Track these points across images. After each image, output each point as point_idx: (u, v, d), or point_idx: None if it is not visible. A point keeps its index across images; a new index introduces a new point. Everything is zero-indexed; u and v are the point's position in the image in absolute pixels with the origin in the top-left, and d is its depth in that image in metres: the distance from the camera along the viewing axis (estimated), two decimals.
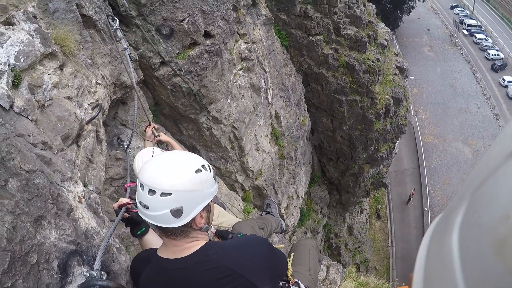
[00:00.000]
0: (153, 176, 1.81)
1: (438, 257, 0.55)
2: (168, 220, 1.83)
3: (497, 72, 48.43)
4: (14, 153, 1.69)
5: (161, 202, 1.79)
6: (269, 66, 9.19)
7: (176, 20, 5.53)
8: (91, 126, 3.03)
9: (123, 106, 4.86)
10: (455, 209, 0.54)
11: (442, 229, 0.59)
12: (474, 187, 0.50)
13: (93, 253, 1.96)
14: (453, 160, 35.14)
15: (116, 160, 4.24)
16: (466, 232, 0.48)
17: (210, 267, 1.89)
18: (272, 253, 2.14)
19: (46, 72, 2.54)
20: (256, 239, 2.22)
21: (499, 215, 0.41)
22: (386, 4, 41.37)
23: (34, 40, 2.46)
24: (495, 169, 0.45)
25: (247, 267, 1.94)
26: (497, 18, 65.25)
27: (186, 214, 1.86)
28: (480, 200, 0.47)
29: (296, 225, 13.17)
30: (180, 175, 1.85)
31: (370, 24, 13.92)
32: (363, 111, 14.28)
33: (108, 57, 3.91)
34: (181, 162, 1.94)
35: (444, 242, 0.53)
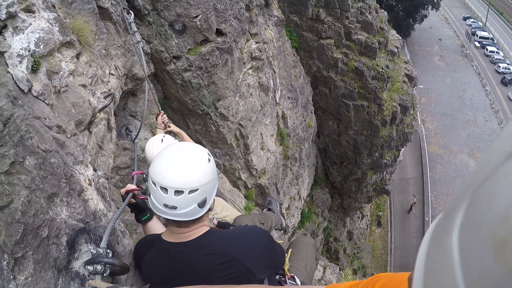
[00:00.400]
0: (177, 178, 1.86)
1: (438, 257, 0.55)
2: (194, 212, 1.93)
3: (506, 86, 48.02)
4: (33, 133, 1.76)
5: (189, 199, 1.87)
6: (278, 66, 9.25)
7: (189, 16, 5.62)
8: (103, 114, 3.09)
9: (133, 98, 4.96)
10: (455, 209, 0.53)
11: (442, 229, 0.58)
12: (474, 187, 0.50)
13: (99, 233, 2.03)
14: (457, 172, 34.92)
15: (123, 150, 4.33)
16: (466, 232, 0.48)
17: (211, 252, 1.98)
18: (271, 245, 2.22)
19: (63, 60, 2.61)
20: (257, 229, 2.29)
21: (499, 215, 0.41)
22: (399, 12, 41.22)
23: (53, 28, 2.52)
24: (495, 169, 0.45)
25: (247, 255, 2.01)
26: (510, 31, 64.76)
27: (208, 202, 2.00)
28: (480, 200, 0.47)
29: (296, 226, 13.20)
30: (201, 169, 1.92)
31: (381, 31, 13.96)
32: (370, 117, 14.31)
33: (122, 49, 4.00)
34: (193, 156, 1.99)
35: (444, 242, 0.53)
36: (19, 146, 1.66)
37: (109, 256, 1.92)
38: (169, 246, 2.03)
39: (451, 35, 60.75)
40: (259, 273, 2.03)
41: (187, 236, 2.02)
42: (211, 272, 1.96)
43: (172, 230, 2.06)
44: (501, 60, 53.29)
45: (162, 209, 1.90)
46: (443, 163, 35.83)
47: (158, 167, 1.92)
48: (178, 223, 1.97)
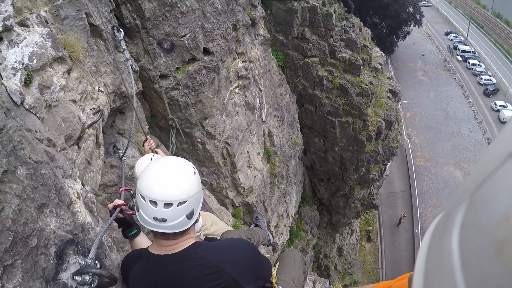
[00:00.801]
0: (166, 191, 1.93)
1: (438, 257, 0.55)
2: (183, 224, 2.00)
3: (489, 97, 49.40)
4: (25, 144, 1.80)
5: (178, 211, 1.94)
6: (264, 85, 9.34)
7: (177, 35, 5.70)
8: (91, 130, 3.14)
9: (121, 116, 4.97)
10: (455, 210, 0.54)
11: (442, 230, 0.59)
12: (474, 187, 0.50)
13: (87, 246, 2.06)
14: (445, 184, 35.33)
15: (111, 167, 4.33)
16: (466, 232, 0.48)
17: (198, 264, 2.02)
18: (257, 256, 2.27)
19: (55, 75, 2.68)
20: (242, 241, 2.35)
21: (499, 216, 0.41)
22: (383, 29, 42.06)
23: (46, 43, 2.60)
24: (495, 169, 0.45)
25: (233, 266, 2.05)
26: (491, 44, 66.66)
27: (195, 213, 2.07)
28: (480, 201, 0.47)
29: (285, 244, 13.08)
30: (188, 182, 2.00)
31: (365, 48, 14.20)
32: (355, 132, 14.44)
33: (111, 66, 4.06)
34: (179, 169, 2.05)
35: (444, 243, 0.53)
36: (11, 155, 1.69)
37: (97, 267, 1.94)
38: (156, 258, 2.07)
39: (433, 50, 62.22)
40: (245, 284, 2.06)
41: (174, 248, 2.06)
42: (198, 284, 1.99)
43: (159, 243, 2.09)
44: (483, 72, 54.77)
45: (152, 222, 1.95)
46: (430, 175, 36.24)
47: (146, 181, 1.98)
48: (165, 236, 2.02)
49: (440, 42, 65.58)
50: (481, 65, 56.84)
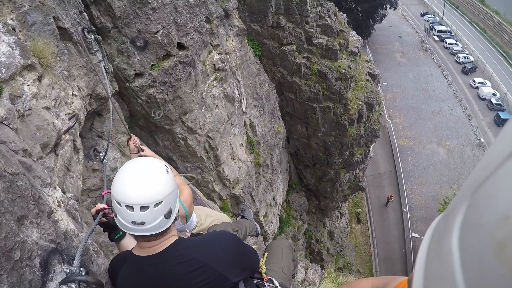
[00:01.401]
0: (140, 194, 1.89)
1: (438, 257, 0.55)
2: (162, 224, 1.97)
3: (467, 74, 50.42)
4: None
5: (155, 212, 1.91)
6: (242, 76, 9.31)
7: (150, 32, 5.59)
8: (68, 136, 3.08)
9: (99, 118, 4.90)
10: (455, 210, 0.54)
11: (442, 230, 0.59)
12: (474, 187, 0.50)
13: (72, 253, 2.03)
14: (429, 161, 36.10)
15: (93, 171, 4.29)
16: (466, 232, 0.48)
17: (181, 261, 1.99)
18: (240, 246, 2.26)
19: (25, 83, 2.62)
20: (224, 233, 2.33)
21: (499, 216, 0.41)
22: (358, 13, 42.16)
23: (14, 52, 2.54)
24: (495, 169, 0.45)
25: (217, 259, 2.04)
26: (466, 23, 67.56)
27: (174, 211, 2.06)
28: (480, 201, 0.47)
29: (276, 233, 13.16)
30: (161, 182, 1.96)
31: (341, 33, 14.24)
32: (337, 117, 14.57)
33: (84, 69, 3.98)
34: (151, 170, 2.00)
35: (444, 243, 0.53)
36: None
37: (83, 274, 1.92)
38: (139, 260, 2.05)
39: (410, 31, 62.70)
40: (231, 276, 2.05)
41: (156, 248, 2.04)
42: (184, 281, 1.97)
43: (141, 245, 2.07)
44: (460, 51, 55.62)
45: (130, 226, 1.93)
46: (413, 154, 36.92)
47: (120, 186, 1.93)
48: (147, 238, 1.99)
49: (416, 23, 66.15)
50: (458, 44, 57.67)
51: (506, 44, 59.02)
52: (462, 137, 38.91)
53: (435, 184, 33.64)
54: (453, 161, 36.19)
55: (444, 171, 35.04)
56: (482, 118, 42.19)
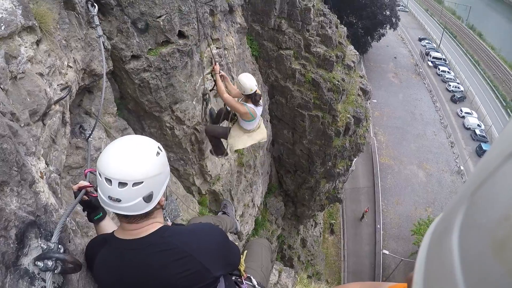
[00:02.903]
0: (121, 169, 1.79)
1: (438, 257, 0.55)
2: (140, 207, 1.87)
3: (456, 103, 51.69)
4: None
5: (134, 192, 1.81)
6: (237, 73, 9.17)
7: (153, 15, 5.49)
8: (58, 107, 2.96)
9: (89, 95, 4.78)
10: (455, 210, 0.54)
11: (442, 230, 0.59)
12: (474, 187, 0.50)
13: (50, 229, 1.88)
14: (407, 182, 36.72)
15: (76, 149, 4.19)
16: (466, 232, 0.48)
17: (164, 249, 1.91)
18: (226, 242, 2.19)
19: (23, 45, 2.51)
20: (211, 226, 2.24)
21: (499, 216, 0.41)
22: (358, 29, 42.54)
23: (16, 10, 2.42)
24: (495, 169, 0.45)
25: (202, 251, 1.97)
26: (462, 53, 69.08)
27: (155, 196, 1.93)
28: (480, 201, 0.47)
29: (250, 234, 13.15)
30: (147, 162, 1.85)
31: (339, 45, 14.38)
32: (324, 127, 14.66)
33: (82, 42, 3.87)
34: (141, 148, 1.91)
35: (444, 243, 0.53)
36: None
37: (61, 252, 1.77)
38: (121, 243, 1.97)
39: (406, 54, 63.64)
40: (214, 270, 1.99)
41: (139, 232, 1.96)
42: (165, 270, 1.89)
43: (124, 226, 1.99)
44: (451, 79, 56.85)
45: (107, 201, 1.86)
46: (393, 173, 37.47)
47: (104, 157, 1.85)
48: (128, 219, 1.92)
49: (413, 46, 67.26)
50: (451, 73, 58.96)
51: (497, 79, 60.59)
52: (443, 163, 39.75)
53: (410, 205, 34.25)
54: (431, 185, 36.86)
55: (421, 193, 35.70)
56: (464, 146, 43.27)
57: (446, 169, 39.09)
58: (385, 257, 29.11)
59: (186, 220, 6.79)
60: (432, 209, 33.83)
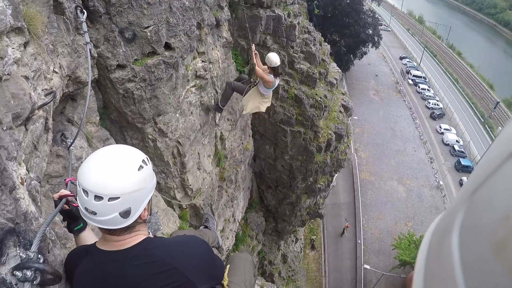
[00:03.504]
0: (98, 181, 1.73)
1: (438, 257, 0.56)
2: (116, 222, 1.82)
3: (435, 120, 53.43)
4: None
5: (109, 207, 1.76)
6: (221, 88, 9.27)
7: (141, 26, 5.48)
8: (41, 112, 2.88)
9: (72, 103, 4.72)
10: (455, 210, 0.54)
11: (442, 230, 0.59)
12: (473, 188, 0.50)
13: (29, 237, 1.82)
14: (388, 197, 37.24)
15: (57, 157, 4.09)
16: (466, 232, 0.48)
17: (148, 261, 1.88)
18: (211, 255, 2.17)
19: (10, 45, 2.45)
20: (196, 239, 2.19)
21: (498, 216, 0.41)
22: (341, 47, 43.41)
23: (7, 10, 2.37)
24: (495, 170, 0.45)
25: (186, 264, 1.94)
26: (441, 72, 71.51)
27: (134, 212, 1.86)
28: (480, 201, 0.47)
29: (230, 249, 13.05)
30: (125, 177, 1.79)
31: (322, 62, 14.54)
32: (306, 143, 14.72)
33: (69, 48, 3.82)
34: (122, 161, 1.84)
35: (444, 243, 0.53)
36: None
37: (40, 262, 1.72)
38: (103, 255, 1.93)
39: (387, 72, 65.18)
40: (199, 283, 1.96)
41: (123, 244, 1.93)
42: (149, 282, 1.85)
43: (106, 237, 1.95)
44: (431, 97, 58.72)
45: (84, 212, 1.81)
46: (374, 189, 37.95)
47: (84, 167, 1.80)
48: (108, 230, 1.87)
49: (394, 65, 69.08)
50: (430, 90, 60.80)
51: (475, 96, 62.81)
52: (422, 178, 40.57)
53: (391, 219, 34.66)
54: (411, 200, 37.44)
55: (401, 208, 36.21)
56: (443, 162, 44.43)
57: (425, 184, 39.86)
58: (367, 272, 29.22)
59: (166, 234, 6.71)
60: (412, 223, 34.34)
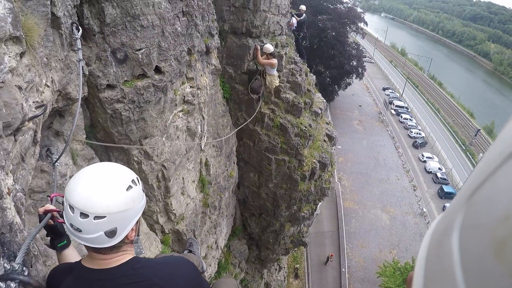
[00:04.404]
0: (84, 199, 1.73)
1: (438, 257, 0.55)
2: (102, 241, 1.80)
3: (417, 148, 54.90)
4: None
5: (94, 226, 1.75)
6: (208, 114, 9.36)
7: (133, 47, 5.57)
8: (31, 124, 2.88)
9: (60, 119, 4.71)
10: (455, 210, 0.54)
11: (442, 230, 0.58)
12: (474, 187, 0.50)
13: (14, 249, 1.77)
14: (371, 226, 37.39)
15: (41, 172, 4.06)
16: (466, 232, 0.48)
17: (136, 281, 1.86)
18: (198, 276, 2.15)
19: (7, 54, 2.45)
20: (183, 259, 2.19)
21: (499, 216, 0.41)
22: (326, 78, 44.31)
23: (7, 18, 2.39)
24: (495, 169, 0.45)
25: (173, 284, 1.92)
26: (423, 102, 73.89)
27: (120, 232, 1.85)
28: (480, 201, 0.47)
29: (212, 277, 12.80)
30: (112, 196, 1.78)
31: (308, 92, 14.81)
32: (290, 171, 14.75)
33: (62, 63, 3.84)
34: (111, 179, 1.83)
35: (444, 243, 0.53)
36: None
37: (25, 274, 1.68)
38: (89, 273, 1.90)
39: (370, 102, 66.68)
40: None
41: (109, 263, 1.91)
42: None
43: (92, 255, 1.93)
44: (413, 126, 60.40)
45: (69, 228, 1.80)
46: (357, 217, 38.08)
47: (72, 183, 1.80)
48: (94, 249, 1.86)
49: (377, 95, 70.82)
50: (413, 120, 62.44)
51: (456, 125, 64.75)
52: (406, 206, 41.01)
53: (375, 247, 34.66)
54: (395, 227, 37.60)
55: (385, 236, 36.29)
56: (426, 189, 45.15)
57: (409, 212, 40.26)
58: None
59: None
60: (397, 251, 34.41)
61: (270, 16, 13.35)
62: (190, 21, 7.23)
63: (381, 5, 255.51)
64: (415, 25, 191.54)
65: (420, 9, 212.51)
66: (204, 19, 8.09)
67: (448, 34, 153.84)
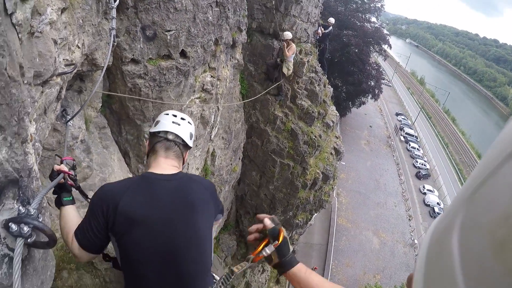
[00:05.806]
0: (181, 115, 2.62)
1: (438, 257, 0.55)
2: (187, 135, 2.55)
3: (420, 179, 54.13)
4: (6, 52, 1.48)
5: (187, 126, 2.58)
6: (223, 106, 9.51)
7: (163, 27, 5.61)
8: (59, 80, 2.91)
9: (80, 83, 4.75)
10: (455, 210, 0.54)
11: (442, 230, 0.58)
12: (474, 187, 0.50)
13: (28, 195, 1.73)
14: (361, 246, 37.11)
15: (54, 131, 4.10)
16: (466, 232, 0.48)
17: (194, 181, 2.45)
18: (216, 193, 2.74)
19: (50, 6, 2.50)
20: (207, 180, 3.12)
21: (499, 215, 0.41)
22: (342, 93, 44.16)
23: None
24: (495, 169, 0.45)
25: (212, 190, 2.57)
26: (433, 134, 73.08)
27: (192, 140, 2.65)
28: (480, 201, 0.47)
29: None
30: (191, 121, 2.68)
31: (323, 103, 14.87)
32: (293, 177, 14.82)
33: (94, 28, 3.89)
34: None
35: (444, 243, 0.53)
36: None
37: (40, 220, 1.60)
38: (157, 175, 2.33)
39: (381, 125, 66.28)
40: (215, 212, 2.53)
41: (172, 169, 2.42)
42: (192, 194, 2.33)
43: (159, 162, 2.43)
44: (419, 156, 59.69)
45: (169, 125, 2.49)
46: (348, 236, 37.86)
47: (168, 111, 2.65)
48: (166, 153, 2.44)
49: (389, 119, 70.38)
50: (420, 150, 61.84)
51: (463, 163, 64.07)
52: (398, 234, 40.66)
53: (360, 269, 34.47)
54: (383, 253, 37.35)
55: (372, 259, 36.08)
56: (421, 222, 44.71)
57: (400, 240, 39.93)
58: None
59: None
60: (381, 276, 34.17)
61: (299, 22, 13.45)
62: (222, 12, 7.28)
63: (407, 31, 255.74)
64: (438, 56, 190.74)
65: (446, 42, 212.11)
66: (236, 13, 8.15)
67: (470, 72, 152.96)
